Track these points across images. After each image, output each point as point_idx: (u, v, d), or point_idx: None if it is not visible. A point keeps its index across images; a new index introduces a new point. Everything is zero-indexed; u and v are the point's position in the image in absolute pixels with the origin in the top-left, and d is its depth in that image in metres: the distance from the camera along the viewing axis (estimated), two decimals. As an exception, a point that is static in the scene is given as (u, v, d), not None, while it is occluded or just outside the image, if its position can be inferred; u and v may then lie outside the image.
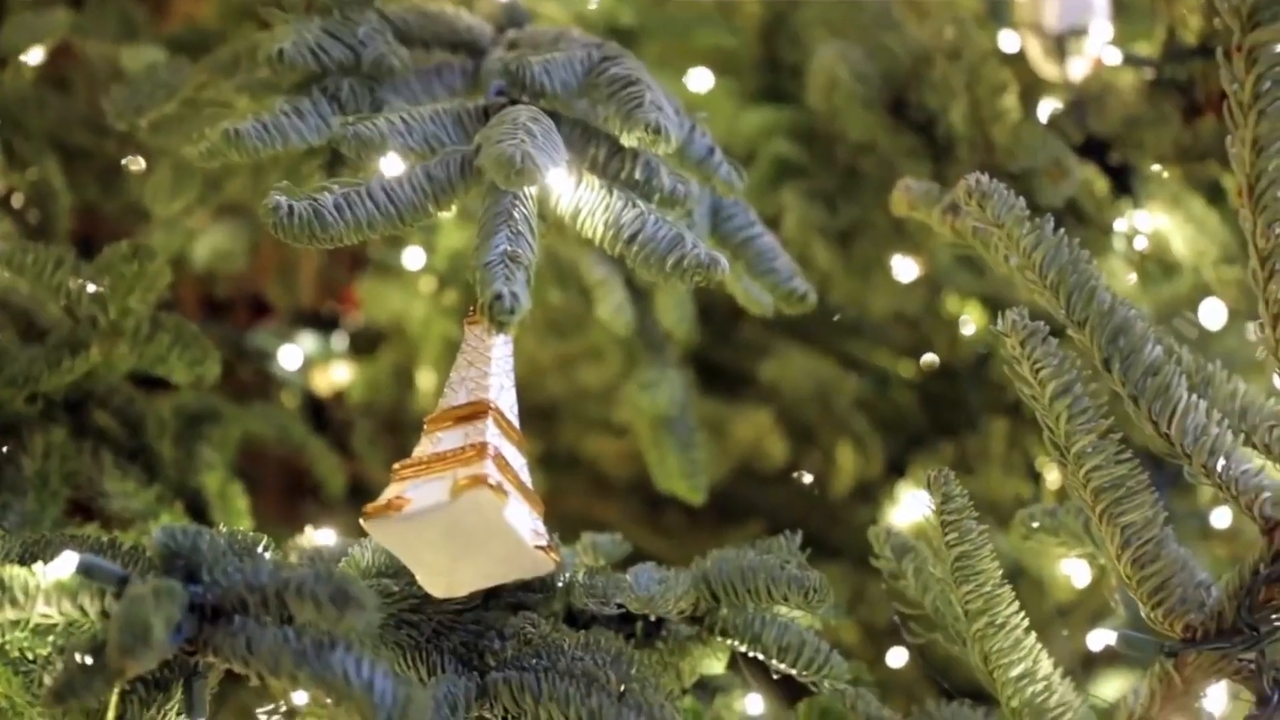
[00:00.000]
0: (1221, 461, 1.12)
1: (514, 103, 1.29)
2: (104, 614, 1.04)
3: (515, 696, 1.16)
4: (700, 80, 1.94)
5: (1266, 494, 1.13)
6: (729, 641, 1.29)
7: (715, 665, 1.33)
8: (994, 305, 1.99)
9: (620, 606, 1.24)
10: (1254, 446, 1.18)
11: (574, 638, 1.21)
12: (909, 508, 2.09)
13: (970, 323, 2.09)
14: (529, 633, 1.21)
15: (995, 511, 1.63)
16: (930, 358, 2.25)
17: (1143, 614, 1.17)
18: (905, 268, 1.92)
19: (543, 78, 1.29)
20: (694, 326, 1.95)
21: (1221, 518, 1.80)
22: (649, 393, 1.94)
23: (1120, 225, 1.82)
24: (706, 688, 1.36)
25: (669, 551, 1.36)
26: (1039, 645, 1.22)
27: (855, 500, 2.24)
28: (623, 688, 1.16)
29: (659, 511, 2.27)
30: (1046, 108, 1.81)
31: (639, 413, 1.97)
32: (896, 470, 2.23)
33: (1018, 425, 2.12)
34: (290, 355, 2.32)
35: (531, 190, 1.21)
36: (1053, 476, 2.08)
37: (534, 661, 1.19)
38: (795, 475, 2.33)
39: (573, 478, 2.37)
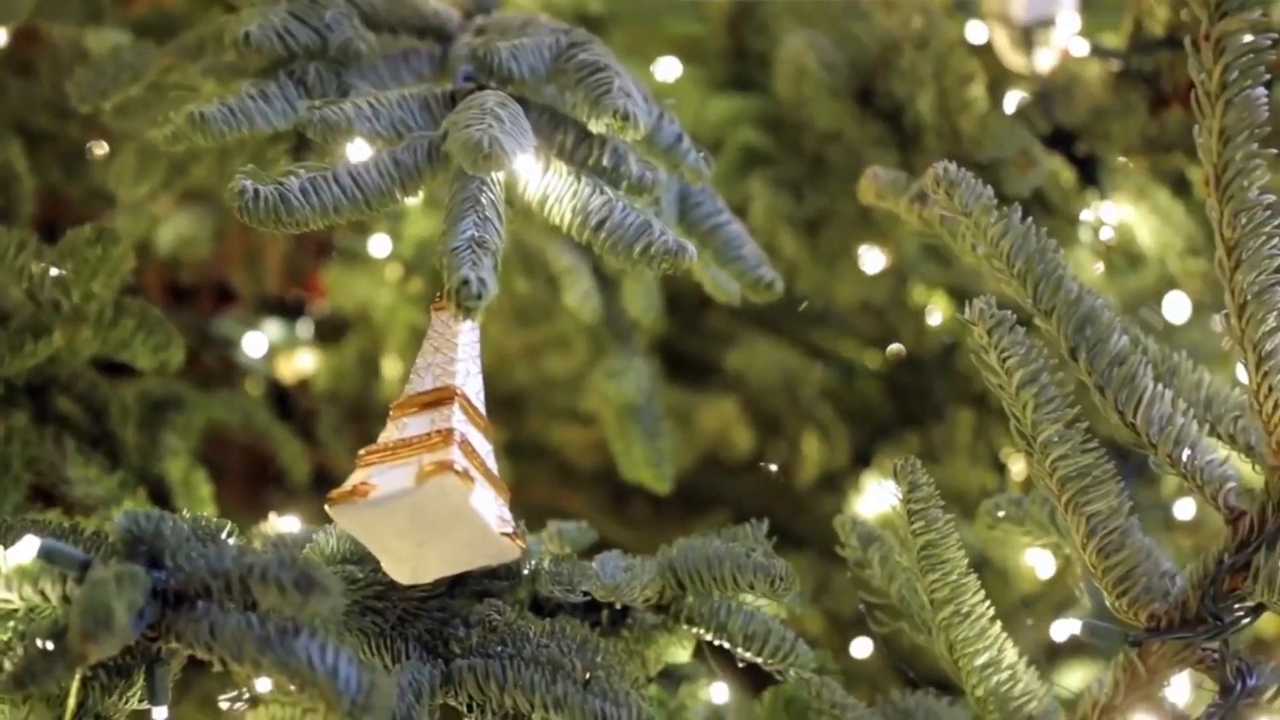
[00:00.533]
0: (1186, 451, 1.12)
1: (481, 88, 1.28)
2: (65, 599, 1.04)
3: (480, 684, 1.16)
4: (667, 68, 1.94)
5: (1230, 484, 1.14)
6: (695, 630, 1.29)
7: (681, 654, 1.32)
8: (960, 295, 1.99)
9: (586, 594, 1.24)
10: (1219, 437, 1.18)
11: (539, 625, 1.21)
12: (874, 498, 2.09)
13: (936, 313, 2.09)
14: (494, 620, 1.21)
15: (960, 502, 1.63)
16: (896, 348, 2.25)
17: (1107, 603, 1.17)
18: (872, 257, 1.92)
19: (510, 63, 1.29)
20: (661, 315, 1.95)
21: (1185, 509, 1.81)
22: (615, 381, 1.94)
23: (1086, 216, 1.82)
24: (672, 676, 1.36)
25: (634, 541, 1.36)
26: (1004, 634, 1.22)
27: (821, 490, 2.25)
28: (588, 675, 1.15)
29: (624, 501, 2.27)
30: (1013, 99, 1.82)
31: (605, 401, 1.97)
32: (862, 460, 2.24)
33: (983, 416, 2.13)
34: (255, 342, 2.31)
35: (499, 176, 1.20)
36: (1018, 467, 2.09)
37: (499, 649, 1.19)
38: (761, 465, 2.33)
39: (538, 467, 2.36)
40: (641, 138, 1.27)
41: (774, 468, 2.33)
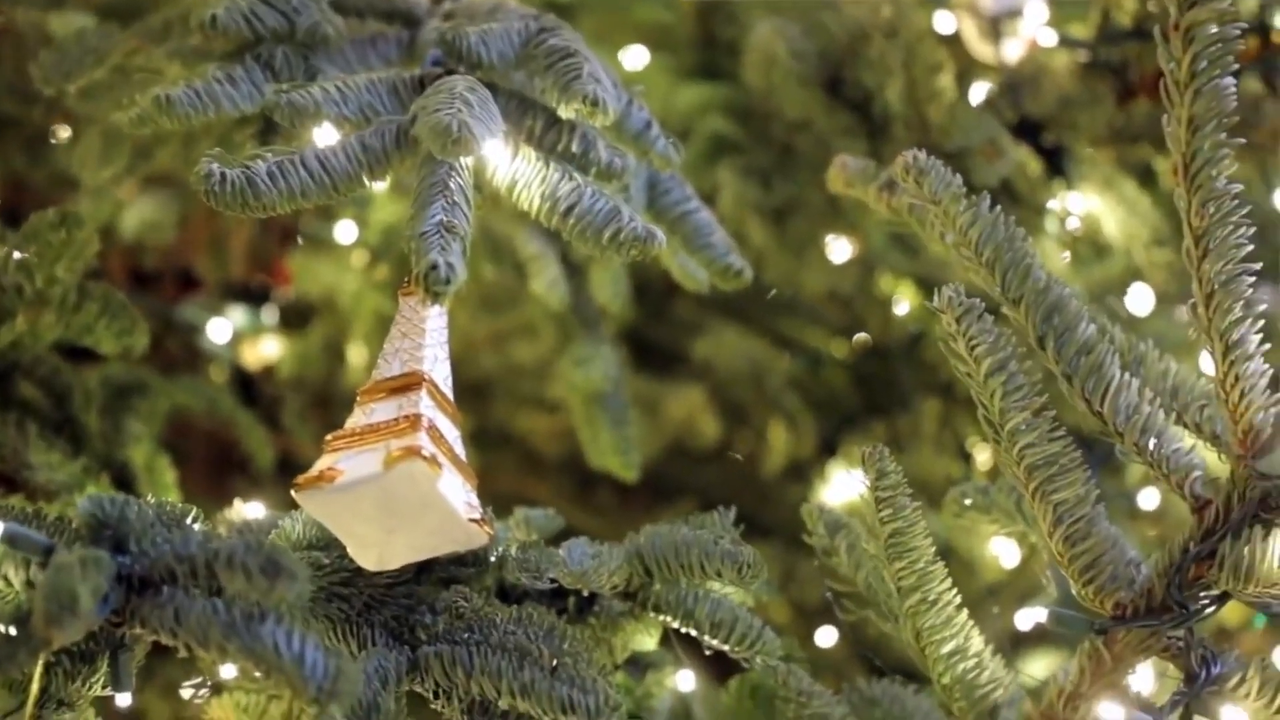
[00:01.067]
0: (1153, 440, 1.13)
1: (450, 73, 1.28)
2: (29, 584, 1.03)
3: (447, 670, 1.16)
4: (636, 56, 1.93)
5: (1197, 473, 1.14)
6: (661, 617, 1.29)
7: (647, 641, 1.32)
8: (927, 285, 2.00)
9: (553, 581, 1.24)
10: (1185, 425, 1.19)
11: (506, 612, 1.20)
12: (840, 487, 2.10)
13: (903, 302, 2.09)
14: (461, 607, 1.20)
15: (926, 491, 1.64)
16: (863, 337, 2.25)
17: (1074, 591, 1.17)
18: (839, 247, 1.92)
19: (479, 48, 1.28)
20: (628, 303, 1.95)
21: (1149, 498, 1.82)
22: (583, 368, 1.94)
23: (1053, 206, 1.83)
24: (638, 664, 1.36)
25: (601, 530, 1.36)
26: (970, 622, 1.23)
27: (787, 479, 2.25)
28: (555, 662, 1.15)
29: (591, 489, 2.27)
30: (981, 89, 1.82)
31: (572, 388, 1.96)
32: (828, 450, 2.24)
33: (949, 405, 2.13)
34: (219, 328, 2.29)
35: (468, 161, 1.20)
36: (983, 457, 2.09)
37: (466, 636, 1.18)
38: (728, 454, 2.33)
39: (504, 455, 2.36)
40: (610, 124, 1.27)
41: (740, 457, 2.33)
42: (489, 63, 1.29)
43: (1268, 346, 1.09)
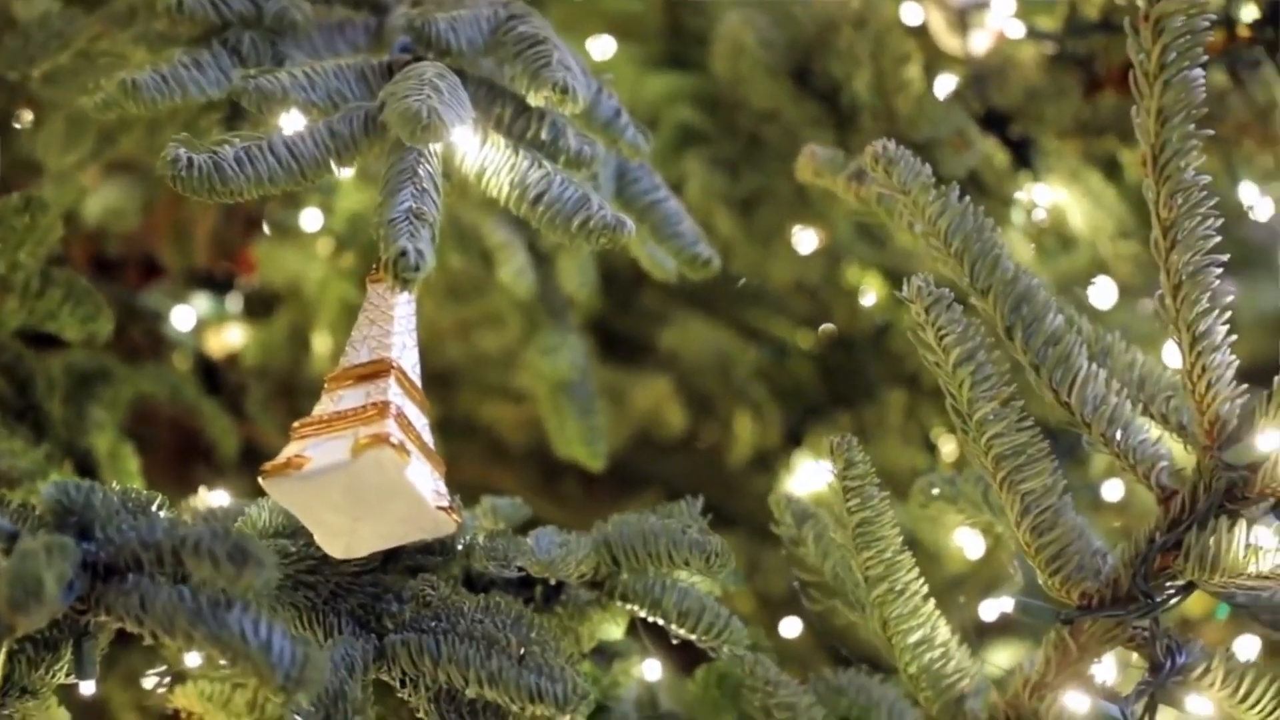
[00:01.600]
0: (1119, 431, 1.13)
1: (419, 60, 1.27)
2: (-8, 571, 1.02)
3: (414, 659, 1.16)
4: (604, 45, 1.93)
5: (1163, 463, 1.15)
6: (629, 606, 1.29)
7: (614, 631, 1.32)
8: (893, 276, 2.00)
9: (520, 570, 1.24)
10: (1151, 416, 1.19)
11: (473, 601, 1.20)
12: (805, 477, 2.10)
13: (870, 293, 2.10)
14: (428, 595, 1.20)
15: (891, 481, 1.64)
16: (829, 328, 2.26)
17: (1040, 581, 1.18)
18: (806, 238, 1.92)
19: (448, 35, 1.28)
20: (595, 293, 1.94)
21: (1113, 490, 1.82)
22: (549, 357, 1.94)
23: (1020, 198, 1.83)
24: (604, 653, 1.35)
25: (566, 519, 1.36)
26: (937, 612, 1.23)
27: (753, 470, 2.25)
28: (523, 651, 1.15)
29: (556, 479, 2.26)
30: (949, 81, 1.82)
31: (539, 377, 1.96)
32: (794, 440, 2.24)
33: (915, 396, 2.13)
34: (183, 316, 2.28)
35: (437, 148, 1.19)
36: (949, 448, 2.10)
37: (433, 624, 1.18)
38: (693, 444, 2.33)
39: (470, 444, 2.35)
40: (580, 112, 1.26)
41: (705, 447, 2.34)
42: (458, 49, 1.28)
43: (1234, 338, 1.09)
